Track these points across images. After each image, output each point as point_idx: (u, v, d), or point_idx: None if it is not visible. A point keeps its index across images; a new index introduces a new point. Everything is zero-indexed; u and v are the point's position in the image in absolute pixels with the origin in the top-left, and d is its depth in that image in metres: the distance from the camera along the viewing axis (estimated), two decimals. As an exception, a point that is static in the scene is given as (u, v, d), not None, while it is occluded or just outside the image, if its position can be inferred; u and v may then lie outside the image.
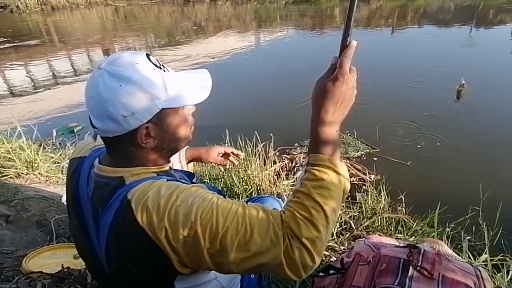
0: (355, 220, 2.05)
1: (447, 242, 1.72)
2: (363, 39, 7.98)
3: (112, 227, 0.67)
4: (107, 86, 0.66)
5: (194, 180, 0.94)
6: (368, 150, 3.24)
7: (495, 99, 4.36)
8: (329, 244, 1.81)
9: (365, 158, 3.15)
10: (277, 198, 1.56)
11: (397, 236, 1.87)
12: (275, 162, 2.84)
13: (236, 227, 0.62)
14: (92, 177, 0.76)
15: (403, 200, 2.23)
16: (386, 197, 2.22)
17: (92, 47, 8.62)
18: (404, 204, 2.21)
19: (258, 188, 2.33)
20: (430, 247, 1.05)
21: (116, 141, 0.72)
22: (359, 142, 3.36)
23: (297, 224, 0.63)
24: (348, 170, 2.74)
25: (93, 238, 0.75)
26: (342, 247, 1.81)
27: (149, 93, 0.68)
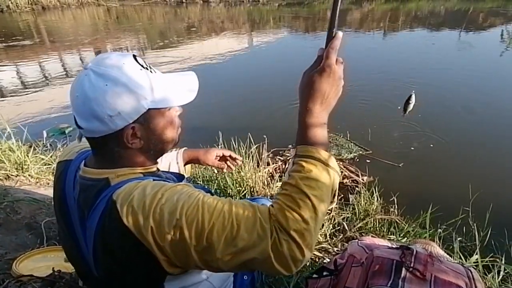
0: (348, 222, 2.07)
1: (439, 243, 1.75)
2: (355, 42, 8.06)
3: (99, 229, 0.67)
4: (93, 86, 0.66)
5: (184, 182, 0.92)
6: (361, 152, 3.26)
7: (488, 102, 4.44)
8: (323, 246, 1.82)
9: (358, 160, 3.17)
10: (271, 200, 1.56)
11: (390, 238, 1.89)
12: (269, 164, 2.84)
13: (223, 223, 0.61)
14: (78, 180, 0.76)
15: (396, 202, 2.25)
16: (379, 199, 2.24)
17: (84, 48, 8.53)
18: (397, 206, 2.24)
19: (252, 190, 2.33)
20: (423, 248, 1.06)
21: (102, 142, 0.72)
22: (352, 144, 3.38)
23: (285, 217, 0.62)
24: (341, 172, 2.82)
25: (81, 241, 0.74)
26: (336, 249, 1.82)
27: (136, 93, 0.68)
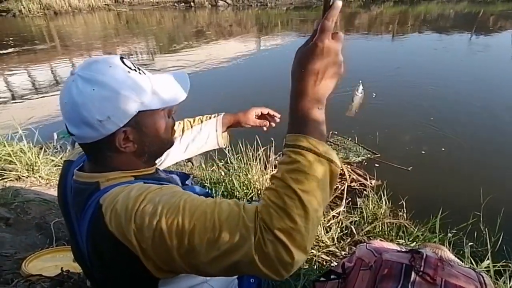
0: (356, 225, 2.04)
1: (449, 248, 1.71)
2: (364, 45, 8.03)
3: (89, 234, 0.66)
4: (81, 91, 0.65)
5: (188, 182, 0.90)
6: (369, 156, 3.23)
7: (499, 105, 4.37)
8: (330, 249, 1.80)
9: (366, 164, 3.14)
10: None
11: (399, 242, 1.86)
12: (276, 167, 2.83)
13: (204, 224, 0.56)
14: (72, 184, 0.75)
15: (404, 205, 2.21)
16: (387, 202, 2.21)
17: (95, 52, 8.67)
18: (405, 210, 2.20)
19: (259, 192, 2.32)
20: (433, 252, 1.04)
21: (94, 147, 0.70)
22: (360, 147, 3.35)
23: (269, 214, 0.55)
24: (349, 176, 2.80)
25: (80, 243, 0.74)
26: (343, 252, 1.80)
27: (124, 96, 0.67)
